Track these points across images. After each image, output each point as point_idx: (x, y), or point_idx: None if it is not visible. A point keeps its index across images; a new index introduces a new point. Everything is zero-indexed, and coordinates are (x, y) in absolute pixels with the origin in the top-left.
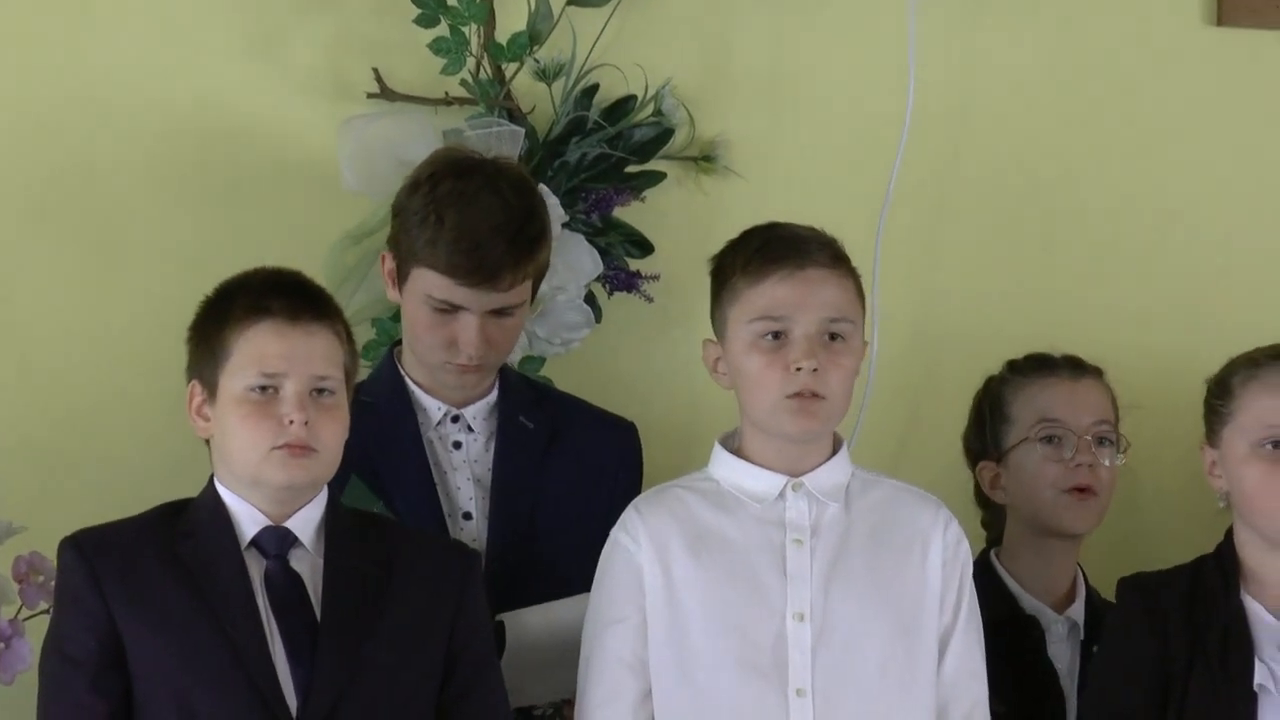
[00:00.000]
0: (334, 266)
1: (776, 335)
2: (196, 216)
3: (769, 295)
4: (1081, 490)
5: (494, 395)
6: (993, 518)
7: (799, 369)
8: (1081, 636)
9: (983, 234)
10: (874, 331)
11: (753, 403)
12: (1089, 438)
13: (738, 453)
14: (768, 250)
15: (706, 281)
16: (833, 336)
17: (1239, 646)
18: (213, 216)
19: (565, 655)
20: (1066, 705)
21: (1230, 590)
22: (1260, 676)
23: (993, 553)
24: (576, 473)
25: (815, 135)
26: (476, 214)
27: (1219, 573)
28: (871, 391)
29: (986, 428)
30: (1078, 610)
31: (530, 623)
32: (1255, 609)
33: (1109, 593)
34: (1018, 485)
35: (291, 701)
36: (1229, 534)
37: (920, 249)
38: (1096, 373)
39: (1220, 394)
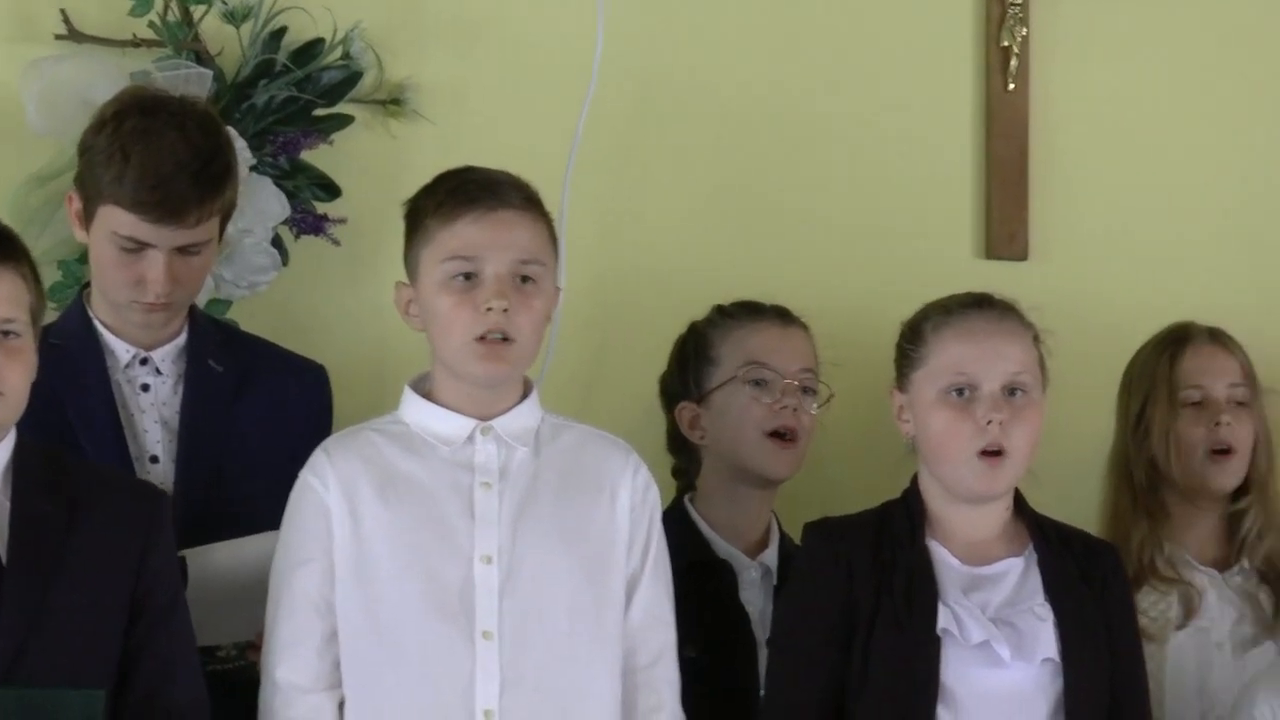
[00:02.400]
0: (19, 208)
1: (468, 276)
2: None
3: (461, 236)
4: (783, 436)
5: (183, 338)
6: (686, 464)
7: (489, 309)
8: (774, 582)
9: (671, 180)
10: (561, 276)
11: (443, 344)
12: (794, 383)
13: (428, 396)
14: (460, 192)
15: (395, 225)
16: (524, 279)
17: (923, 591)
18: None
19: (253, 592)
20: (758, 650)
21: (916, 535)
22: (944, 621)
23: (687, 498)
24: (265, 416)
25: (504, 79)
26: (162, 150)
27: (905, 518)
28: (558, 335)
29: (689, 369)
30: (771, 556)
31: (217, 558)
32: (940, 554)
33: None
34: (719, 426)
35: None
36: (915, 479)
37: (609, 193)
38: (803, 325)
39: (912, 339)
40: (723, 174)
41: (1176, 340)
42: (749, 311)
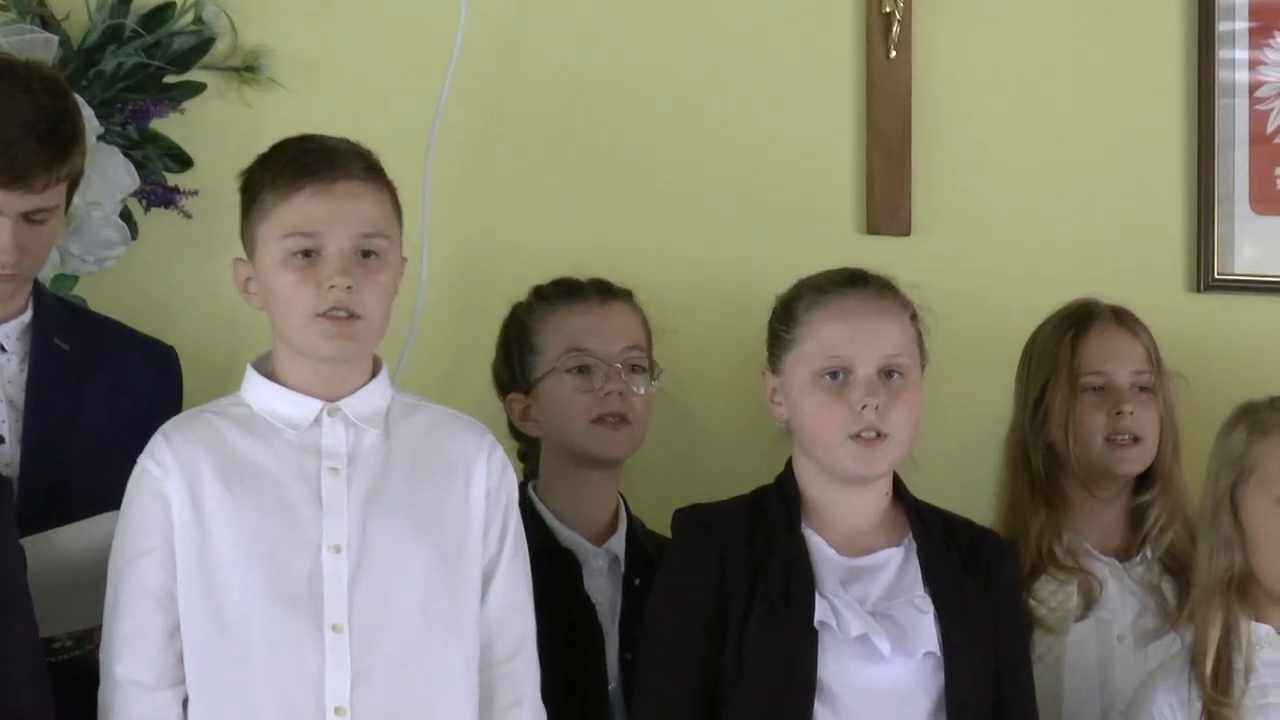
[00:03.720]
0: None
1: (308, 253)
2: None
3: (300, 211)
4: (612, 418)
5: (28, 315)
6: (529, 449)
7: (332, 286)
8: (623, 569)
9: (538, 152)
10: (423, 252)
11: (284, 323)
12: (619, 365)
13: (271, 376)
14: (298, 164)
15: None
16: (367, 253)
17: (800, 582)
18: None
19: (94, 577)
20: (606, 641)
21: (792, 523)
22: (821, 613)
23: (530, 485)
24: (112, 398)
25: (364, 46)
26: (8, 113)
27: (780, 505)
28: (421, 312)
29: (514, 358)
30: (618, 542)
31: (57, 544)
32: (817, 543)
33: (659, 525)
34: (548, 416)
35: None
36: (789, 464)
37: (473, 166)
38: (626, 296)
39: (784, 319)
40: (592, 147)
41: (1079, 321)
42: (565, 293)
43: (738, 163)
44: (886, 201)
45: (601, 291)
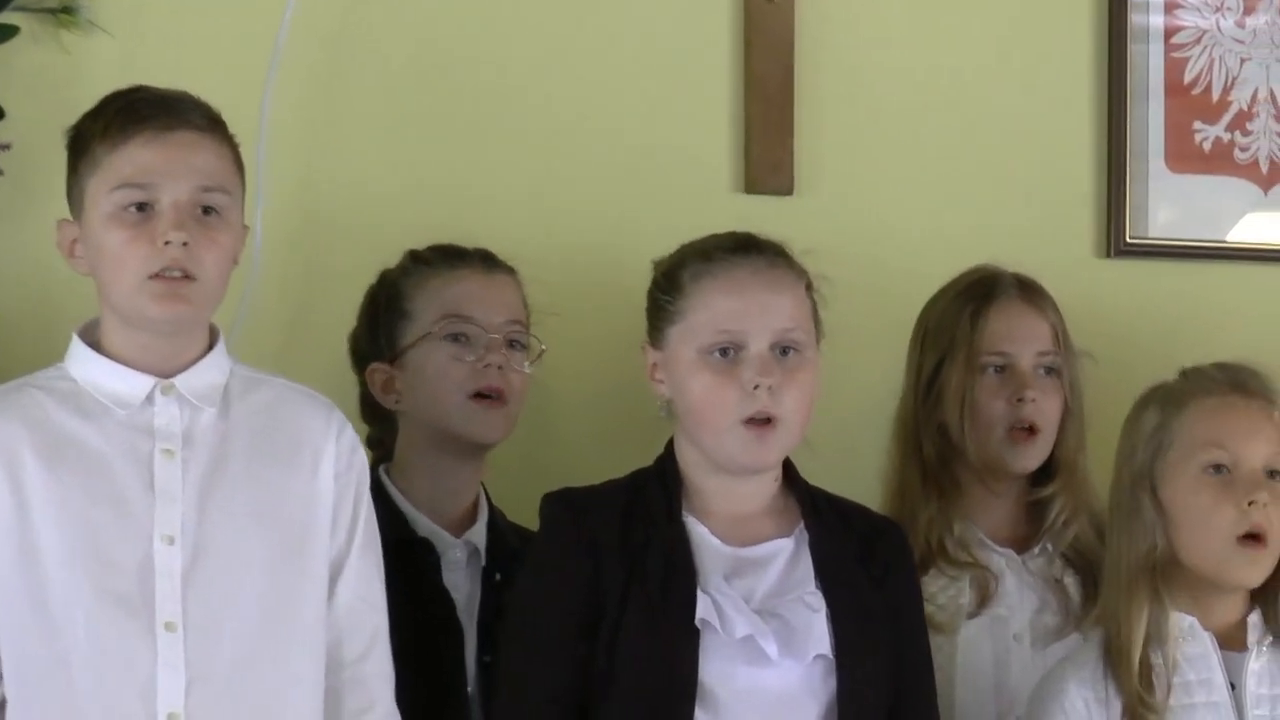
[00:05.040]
0: None
1: (141, 207)
2: None
3: (133, 160)
4: (489, 397)
5: None
6: (383, 432)
7: (167, 243)
8: (483, 563)
9: (385, 108)
10: (257, 215)
11: (114, 286)
12: (499, 337)
13: (98, 347)
14: (131, 111)
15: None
16: (207, 210)
17: (680, 576)
18: None
19: None
20: (465, 638)
21: (672, 510)
22: (703, 611)
23: (383, 469)
24: None
25: None
26: None
27: (659, 490)
28: (256, 280)
29: (380, 324)
30: (479, 533)
31: None
32: (699, 532)
33: (519, 516)
34: (417, 389)
35: None
36: (670, 446)
37: (313, 122)
38: (509, 270)
39: (667, 288)
40: (444, 101)
41: (981, 295)
42: (447, 257)
43: (604, 116)
44: (766, 157)
45: (486, 261)
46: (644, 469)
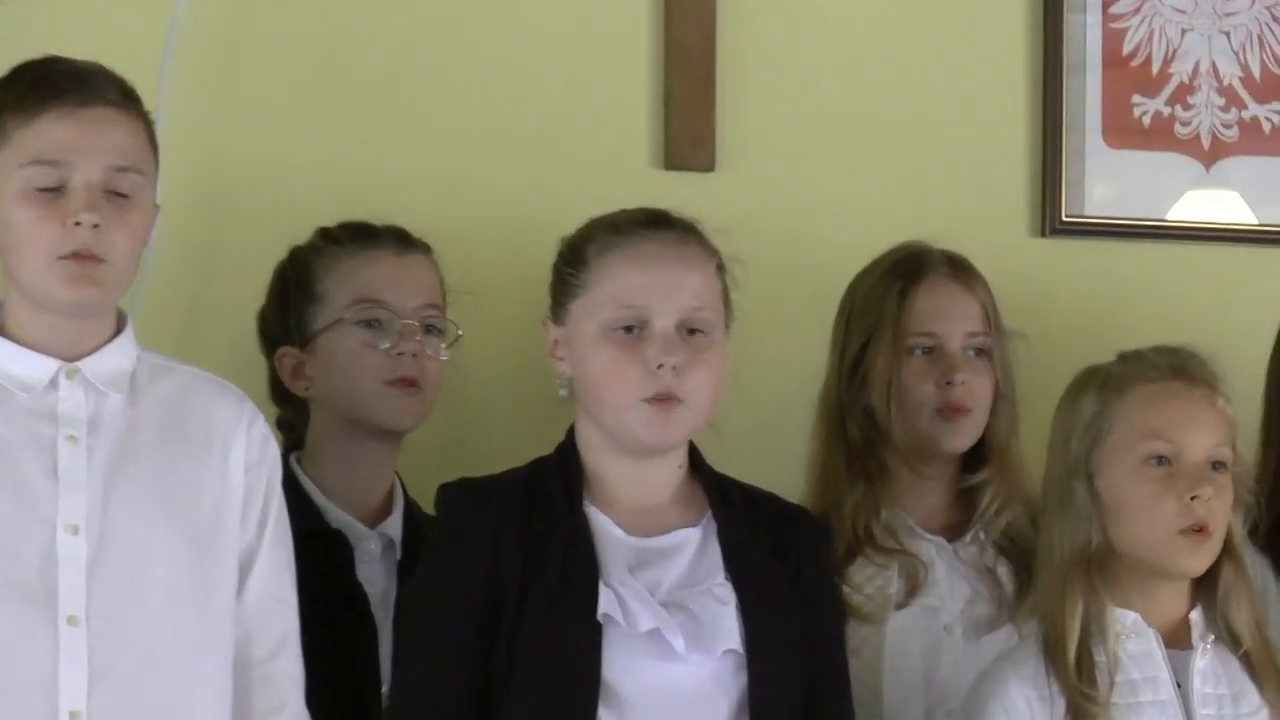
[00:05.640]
0: None
1: (52, 185)
2: None
3: (44, 136)
4: (404, 383)
5: None
6: (294, 415)
7: (77, 224)
8: (399, 556)
9: (291, 77)
10: (155, 189)
11: (21, 266)
12: (415, 323)
13: (1, 329)
14: (44, 85)
15: None
16: (118, 191)
17: (582, 568)
18: None
19: None
20: (380, 635)
21: (573, 499)
22: (606, 605)
23: (294, 457)
24: None
25: None
26: None
27: (559, 478)
28: (154, 257)
29: (290, 306)
30: (394, 525)
31: None
32: (602, 522)
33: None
34: (329, 376)
35: None
36: (571, 431)
37: (215, 92)
38: (425, 249)
39: (572, 261)
40: (353, 70)
41: (909, 273)
42: (359, 236)
43: (516, 86)
44: (688, 131)
45: (400, 241)
46: (545, 456)
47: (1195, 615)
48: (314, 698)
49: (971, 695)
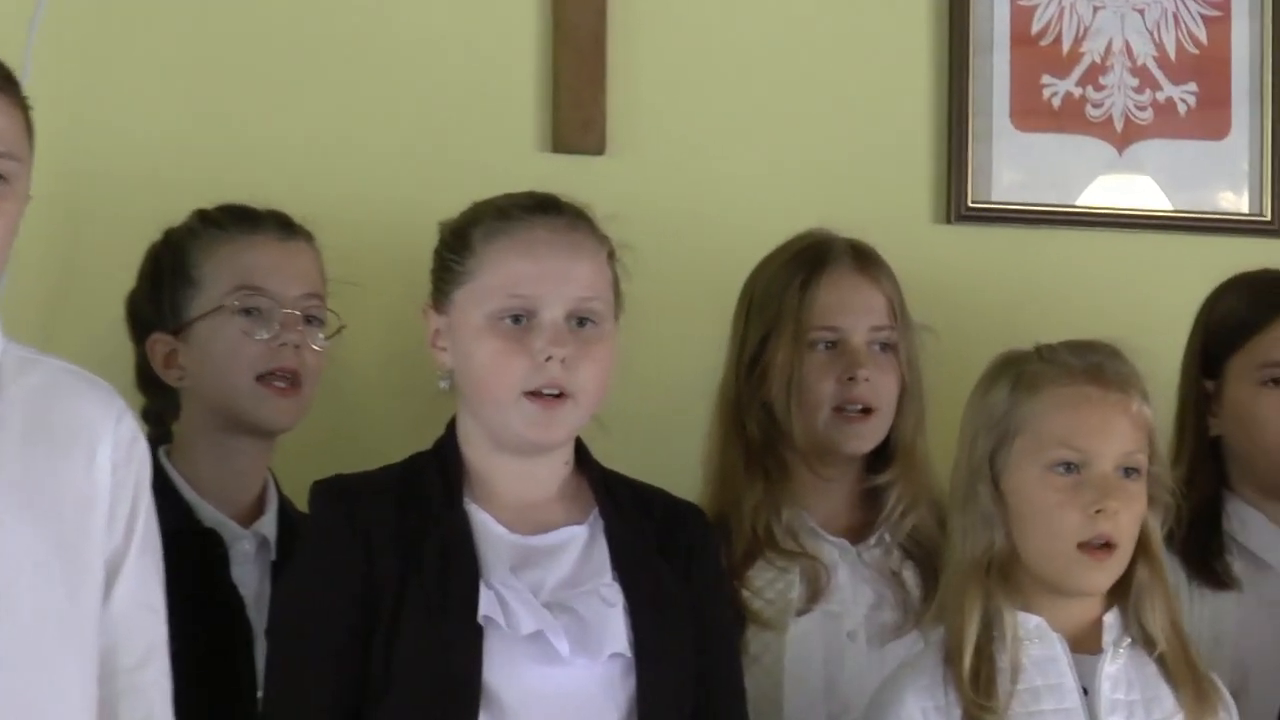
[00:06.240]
0: None
1: None
2: None
3: None
4: (283, 379)
5: None
6: (163, 406)
7: None
8: (273, 556)
9: (158, 56)
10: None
11: None
12: (296, 312)
13: None
14: None
15: None
16: None
17: (461, 568)
18: None
19: None
20: (254, 637)
21: (452, 496)
22: (487, 606)
23: (163, 451)
24: None
25: None
26: None
27: (438, 474)
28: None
29: (164, 291)
30: (269, 524)
31: None
32: (482, 519)
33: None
34: (203, 366)
35: None
36: (451, 425)
37: (80, 72)
38: (308, 236)
39: (455, 247)
40: (227, 45)
41: (811, 263)
42: (240, 220)
43: (395, 65)
44: (576, 112)
45: (282, 226)
46: (422, 452)
47: (1110, 618)
48: (188, 703)
49: (870, 705)
